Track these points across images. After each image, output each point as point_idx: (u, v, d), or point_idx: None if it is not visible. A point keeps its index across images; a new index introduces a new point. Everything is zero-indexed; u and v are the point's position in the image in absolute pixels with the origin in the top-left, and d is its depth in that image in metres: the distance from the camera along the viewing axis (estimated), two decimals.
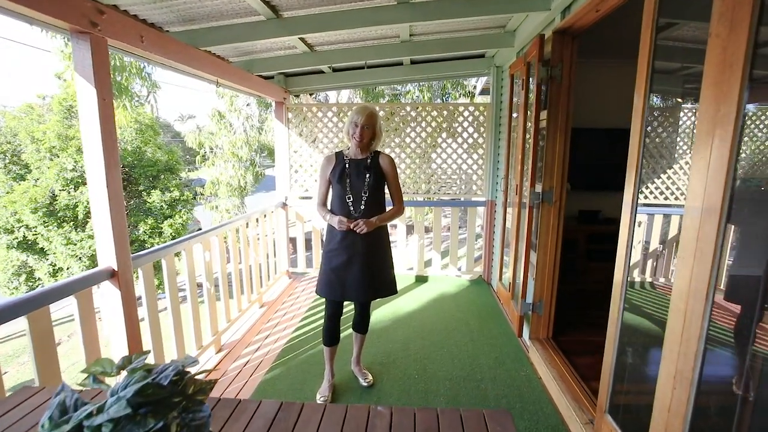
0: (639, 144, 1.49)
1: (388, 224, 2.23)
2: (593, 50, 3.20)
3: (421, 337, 3.01)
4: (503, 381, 2.43)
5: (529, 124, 2.74)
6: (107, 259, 1.80)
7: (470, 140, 4.15)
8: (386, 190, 2.22)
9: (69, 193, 7.33)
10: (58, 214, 7.34)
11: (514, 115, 3.35)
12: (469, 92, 9.28)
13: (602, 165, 3.86)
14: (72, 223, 7.47)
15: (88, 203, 7.39)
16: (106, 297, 1.85)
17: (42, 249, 7.53)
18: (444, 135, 4.18)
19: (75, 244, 7.37)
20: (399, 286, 4.16)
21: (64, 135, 7.49)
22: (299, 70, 3.97)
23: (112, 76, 5.68)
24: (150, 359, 2.10)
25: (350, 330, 2.44)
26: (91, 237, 7.42)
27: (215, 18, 2.38)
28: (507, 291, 3.19)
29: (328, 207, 2.21)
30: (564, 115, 2.44)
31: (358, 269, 2.08)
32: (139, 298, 1.96)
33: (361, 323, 2.37)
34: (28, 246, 7.56)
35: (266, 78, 3.96)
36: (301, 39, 2.94)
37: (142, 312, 2.12)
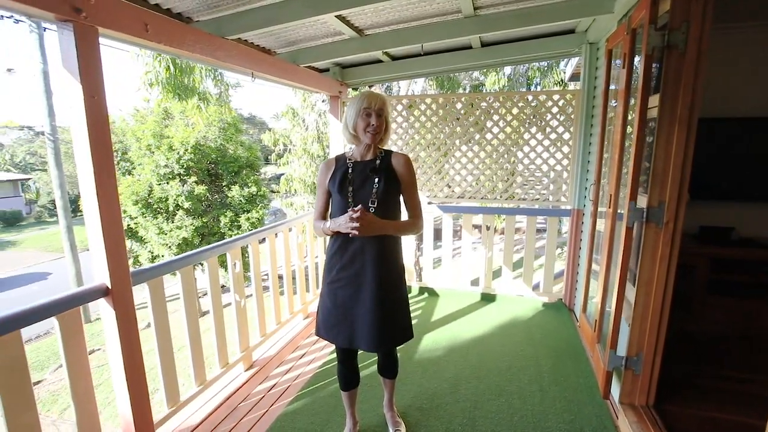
0: None
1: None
2: (720, 9, 2.21)
3: (476, 377, 2.48)
4: None
5: (632, 113, 2.03)
6: (101, 275, 1.62)
7: (553, 135, 3.43)
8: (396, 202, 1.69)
9: (162, 187, 7.99)
10: (153, 207, 8.05)
11: (612, 103, 2.61)
12: (561, 80, 8.13)
13: (737, 166, 2.88)
14: (164, 214, 8.16)
15: (177, 196, 7.99)
16: (103, 317, 1.67)
17: (141, 237, 8.36)
18: (521, 130, 3.52)
19: (165, 234, 8.03)
20: (461, 304, 3.69)
21: (159, 134, 8.18)
22: (355, 60, 3.61)
23: (179, 78, 5.94)
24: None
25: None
26: (179, 228, 8.01)
27: (240, 1, 2.11)
28: (592, 329, 2.49)
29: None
30: (687, 100, 1.71)
31: (368, 308, 1.61)
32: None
33: (388, 368, 1.92)
34: (132, 234, 8.45)
35: (321, 71, 3.68)
36: (343, 20, 2.55)
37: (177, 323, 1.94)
